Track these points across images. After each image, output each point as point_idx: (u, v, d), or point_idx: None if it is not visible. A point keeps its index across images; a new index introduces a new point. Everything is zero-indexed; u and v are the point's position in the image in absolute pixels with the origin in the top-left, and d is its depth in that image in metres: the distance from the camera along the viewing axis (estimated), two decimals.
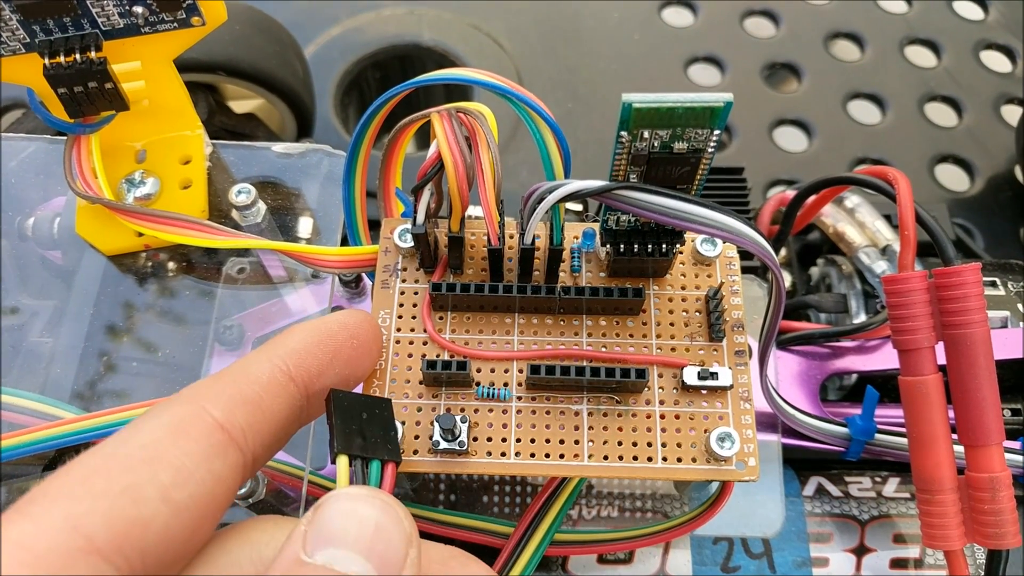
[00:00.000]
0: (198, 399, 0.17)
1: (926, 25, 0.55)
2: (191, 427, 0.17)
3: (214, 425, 0.17)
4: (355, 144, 0.25)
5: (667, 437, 0.23)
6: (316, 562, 0.15)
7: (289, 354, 0.19)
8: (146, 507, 0.15)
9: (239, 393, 0.18)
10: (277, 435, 0.19)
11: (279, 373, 0.19)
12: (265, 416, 0.18)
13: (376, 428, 0.19)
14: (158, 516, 0.15)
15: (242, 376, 0.18)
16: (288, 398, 0.19)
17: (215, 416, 0.17)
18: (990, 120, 0.51)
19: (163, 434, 0.16)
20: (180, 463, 0.16)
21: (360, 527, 0.16)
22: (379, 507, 0.16)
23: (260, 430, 0.18)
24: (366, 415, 0.19)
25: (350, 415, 0.19)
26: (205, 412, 0.17)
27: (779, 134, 0.51)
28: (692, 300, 0.25)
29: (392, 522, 0.16)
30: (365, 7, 0.54)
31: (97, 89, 0.25)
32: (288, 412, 0.19)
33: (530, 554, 0.26)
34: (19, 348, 0.30)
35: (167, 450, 0.16)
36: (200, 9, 0.25)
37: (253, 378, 0.18)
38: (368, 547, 0.16)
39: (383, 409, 0.20)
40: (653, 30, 0.55)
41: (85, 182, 0.27)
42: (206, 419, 0.17)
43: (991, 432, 0.24)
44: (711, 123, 0.19)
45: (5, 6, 0.23)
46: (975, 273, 0.24)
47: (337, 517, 0.16)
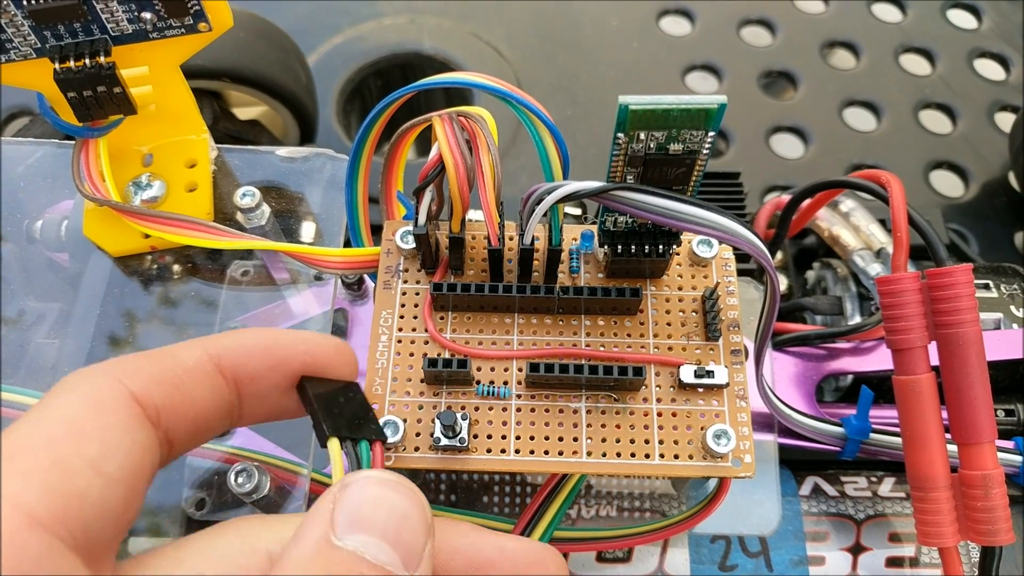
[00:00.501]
0: (115, 371, 0.17)
1: (921, 33, 0.56)
2: (108, 399, 0.16)
3: (131, 398, 0.17)
4: (358, 147, 0.25)
5: (664, 434, 0.24)
6: (347, 547, 0.15)
7: (224, 347, 0.19)
8: (79, 480, 0.15)
9: (159, 371, 0.17)
10: (199, 423, 0.18)
11: (206, 361, 0.18)
12: (184, 399, 0.18)
13: (355, 410, 0.20)
14: (92, 488, 0.15)
15: (166, 356, 0.18)
16: (214, 388, 0.18)
17: (131, 389, 0.17)
18: (984, 127, 0.51)
19: (80, 408, 0.16)
20: (103, 435, 0.16)
21: (389, 515, 0.16)
22: (407, 495, 0.16)
23: (177, 412, 0.17)
24: (343, 399, 0.20)
25: (329, 400, 0.19)
26: (121, 384, 0.17)
27: (776, 141, 0.51)
28: (689, 300, 0.26)
29: (417, 511, 0.16)
30: (367, 16, 0.55)
31: (106, 93, 0.26)
32: (213, 403, 0.18)
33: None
34: (25, 349, 0.30)
35: (87, 423, 0.16)
36: (207, 15, 0.26)
37: (177, 360, 0.18)
38: (396, 536, 0.16)
39: (354, 391, 0.21)
40: (651, 38, 0.55)
41: (93, 185, 0.28)
42: (122, 391, 0.16)
43: (983, 430, 0.25)
44: (706, 124, 0.20)
45: (17, 11, 0.24)
46: (966, 274, 0.25)
47: (368, 503, 0.16)
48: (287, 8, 0.54)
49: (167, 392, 0.17)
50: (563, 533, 0.27)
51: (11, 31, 0.25)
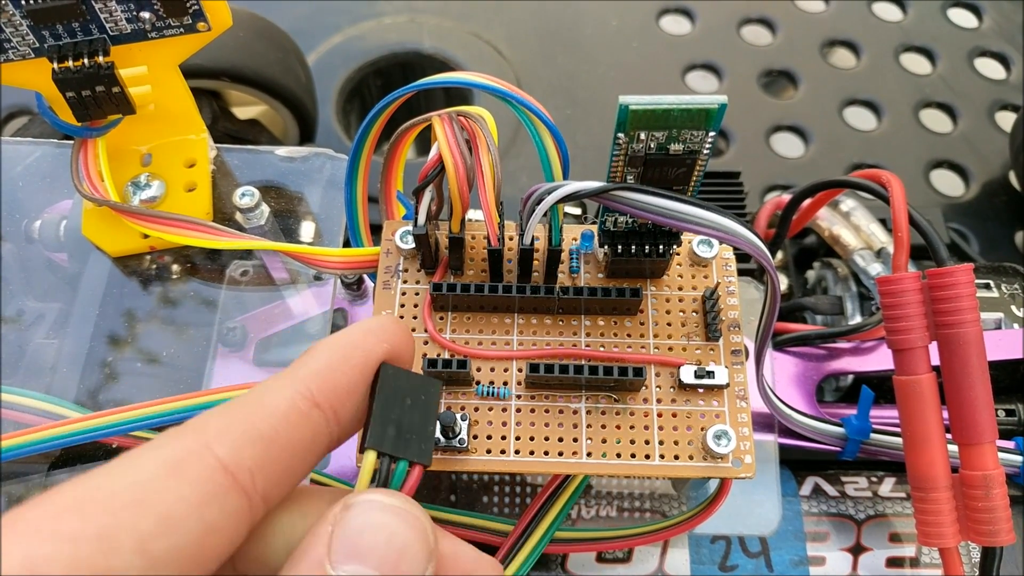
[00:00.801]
0: (203, 434, 0.15)
1: (921, 33, 0.55)
2: (190, 467, 0.15)
3: (216, 467, 0.15)
4: (357, 147, 0.25)
5: (664, 435, 0.23)
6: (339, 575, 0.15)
7: (312, 376, 0.17)
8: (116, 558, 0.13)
9: (251, 428, 0.16)
10: (296, 469, 0.17)
11: (301, 401, 0.16)
12: (281, 453, 0.16)
13: (415, 419, 0.18)
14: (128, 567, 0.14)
15: (257, 408, 0.16)
16: (312, 427, 0.17)
17: (219, 455, 0.15)
18: (985, 126, 0.51)
19: (157, 473, 0.15)
20: (168, 510, 0.14)
21: (388, 546, 0.15)
22: (410, 523, 0.16)
23: (274, 469, 0.16)
24: (410, 400, 0.18)
25: (393, 399, 0.18)
26: (208, 451, 0.15)
27: (776, 140, 0.51)
28: (689, 301, 0.25)
29: (419, 541, 0.16)
30: (367, 15, 0.55)
31: (104, 93, 0.26)
32: (312, 442, 0.17)
33: (528, 551, 0.26)
34: (24, 350, 0.30)
35: (157, 492, 0.14)
36: (206, 15, 0.26)
37: (269, 410, 0.16)
38: (393, 567, 0.15)
39: (430, 395, 0.18)
40: (651, 37, 0.55)
41: (92, 185, 0.28)
42: (208, 459, 0.15)
43: (984, 430, 0.25)
44: (706, 124, 0.20)
45: (15, 11, 0.24)
46: (967, 274, 0.25)
47: (368, 531, 0.15)
48: (287, 7, 0.54)
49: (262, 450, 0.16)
50: (563, 533, 0.27)
51: (9, 31, 0.25)
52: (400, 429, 0.17)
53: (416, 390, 0.18)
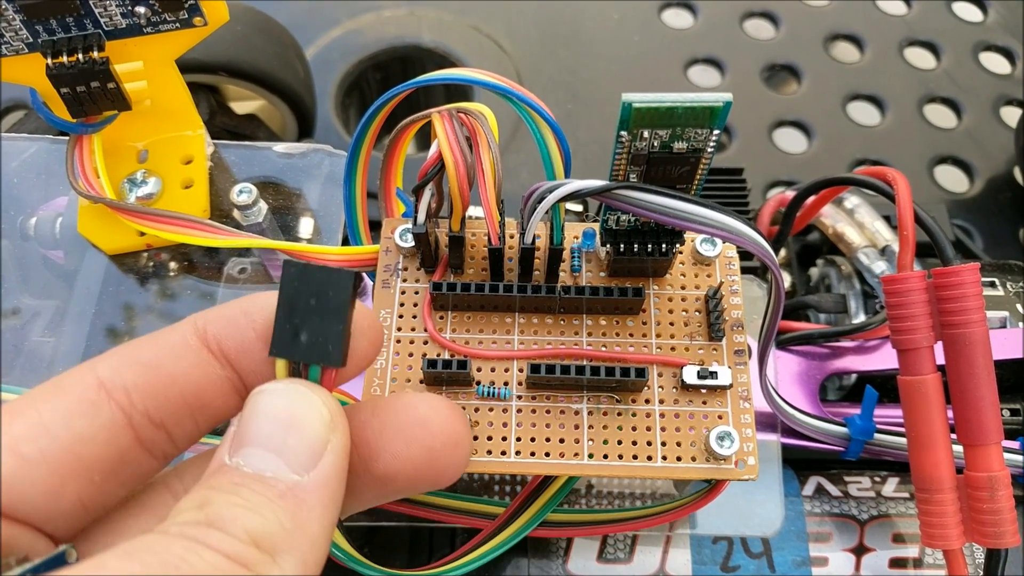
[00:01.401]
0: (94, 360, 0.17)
1: (925, 27, 0.55)
2: (69, 382, 0.16)
3: (92, 383, 0.16)
4: (356, 143, 0.25)
5: (667, 436, 0.23)
6: (231, 464, 0.15)
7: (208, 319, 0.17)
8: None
9: (133, 354, 0.17)
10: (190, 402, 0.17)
11: (189, 336, 0.17)
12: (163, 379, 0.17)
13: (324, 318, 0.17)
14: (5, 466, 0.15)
15: (148, 340, 0.17)
16: (200, 365, 0.17)
17: (98, 374, 0.16)
18: (989, 121, 0.51)
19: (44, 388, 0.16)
20: (40, 417, 0.16)
21: (272, 423, 0.16)
22: (293, 397, 0.16)
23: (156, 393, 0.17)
24: (315, 300, 0.17)
25: (297, 299, 0.17)
26: (90, 371, 0.16)
27: (779, 135, 0.51)
28: (692, 300, 0.25)
29: (307, 410, 0.16)
30: (365, 8, 0.55)
31: (99, 89, 0.25)
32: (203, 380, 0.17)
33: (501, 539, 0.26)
34: (21, 348, 0.30)
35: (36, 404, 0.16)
36: (202, 9, 0.25)
37: (159, 341, 0.17)
38: (280, 443, 0.15)
39: (339, 289, 0.17)
40: (653, 31, 0.55)
41: (87, 181, 0.27)
42: (87, 377, 0.16)
43: (990, 431, 0.24)
44: (710, 123, 0.19)
45: (8, 6, 0.24)
46: (974, 273, 0.24)
47: (252, 416, 0.16)
48: (285, 1, 0.54)
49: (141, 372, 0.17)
50: (565, 516, 0.27)
51: (2, 26, 0.24)
52: (310, 331, 0.17)
53: (323, 285, 0.17)
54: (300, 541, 0.15)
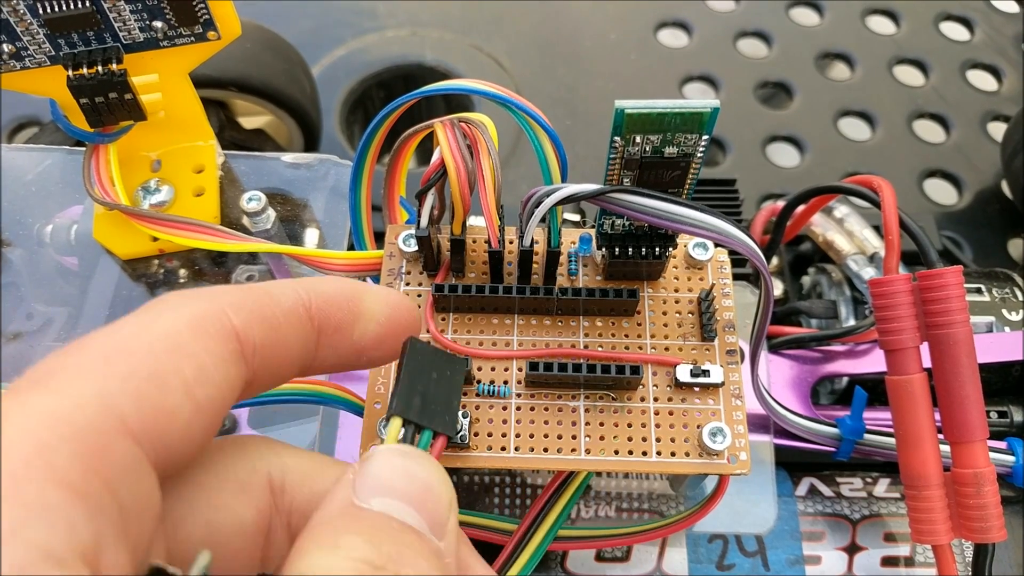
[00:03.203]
0: (219, 301, 0.16)
1: (914, 45, 0.57)
2: (212, 327, 0.15)
3: (232, 332, 0.15)
4: (361, 152, 0.26)
5: (661, 432, 0.24)
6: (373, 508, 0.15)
7: (316, 294, 0.18)
8: (171, 397, 0.14)
9: (260, 309, 0.16)
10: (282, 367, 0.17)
11: (300, 306, 0.17)
12: (278, 341, 0.17)
13: (441, 392, 0.18)
14: (182, 409, 0.14)
15: (264, 295, 0.17)
16: (302, 334, 0.17)
17: (234, 323, 0.16)
18: (977, 136, 0.52)
19: (184, 327, 0.15)
20: (202, 361, 0.15)
21: (410, 483, 0.15)
22: (429, 467, 0.16)
23: (269, 354, 0.16)
24: (436, 375, 0.18)
25: (420, 371, 0.18)
26: (226, 316, 0.16)
27: (772, 150, 0.52)
28: (685, 302, 0.26)
29: (440, 483, 0.16)
30: (369, 28, 0.56)
31: (117, 100, 0.27)
32: (298, 349, 0.17)
33: (532, 550, 0.26)
34: (34, 352, 0.31)
35: (188, 344, 0.15)
36: (216, 24, 0.27)
37: (275, 300, 0.17)
38: (420, 502, 0.15)
39: (455, 372, 0.19)
40: (649, 50, 0.56)
41: (103, 189, 0.28)
42: (226, 323, 0.15)
43: (975, 428, 0.25)
44: (700, 128, 0.20)
45: (33, 20, 0.25)
46: (957, 275, 0.25)
47: (387, 469, 0.16)
48: (292, 20, 0.55)
49: (265, 331, 0.16)
50: (562, 531, 0.27)
51: (26, 39, 0.25)
52: (426, 400, 0.18)
53: (443, 365, 0.19)
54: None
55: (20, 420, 0.12)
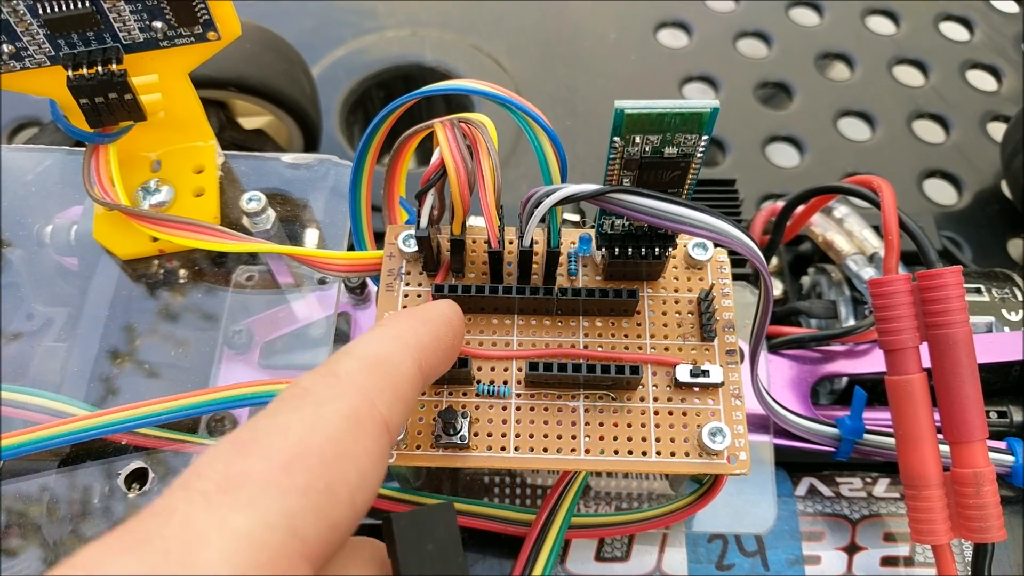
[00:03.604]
0: (367, 392, 0.16)
1: (914, 46, 0.57)
2: (367, 423, 0.15)
3: (383, 424, 0.15)
4: (361, 152, 0.26)
5: (661, 432, 0.24)
6: None
7: (422, 349, 0.18)
8: (339, 510, 0.14)
9: (397, 390, 0.16)
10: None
11: (418, 371, 0.17)
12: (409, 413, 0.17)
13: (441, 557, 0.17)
14: (345, 519, 0.14)
15: (395, 372, 0.17)
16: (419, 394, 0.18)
17: (382, 412, 0.16)
18: (977, 136, 0.52)
19: (346, 428, 0.15)
20: (363, 464, 0.15)
21: None
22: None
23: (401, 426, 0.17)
24: (431, 545, 0.17)
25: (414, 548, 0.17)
26: (375, 408, 0.15)
27: (772, 150, 0.52)
28: (685, 302, 0.26)
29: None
30: (369, 29, 0.56)
31: (117, 100, 0.27)
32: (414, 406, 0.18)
33: (548, 550, 0.26)
34: (34, 352, 0.31)
35: (351, 447, 0.15)
36: (216, 24, 0.27)
37: (403, 374, 0.17)
38: None
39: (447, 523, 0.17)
40: (649, 50, 0.56)
41: (103, 189, 0.28)
42: (376, 416, 0.15)
43: (974, 428, 0.25)
44: (699, 128, 0.20)
45: (33, 20, 0.25)
46: (956, 275, 0.25)
47: None
48: (292, 21, 0.55)
49: (403, 410, 0.16)
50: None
51: (27, 39, 0.25)
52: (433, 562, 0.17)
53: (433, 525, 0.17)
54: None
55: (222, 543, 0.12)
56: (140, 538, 0.12)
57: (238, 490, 0.13)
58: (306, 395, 0.15)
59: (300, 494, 0.13)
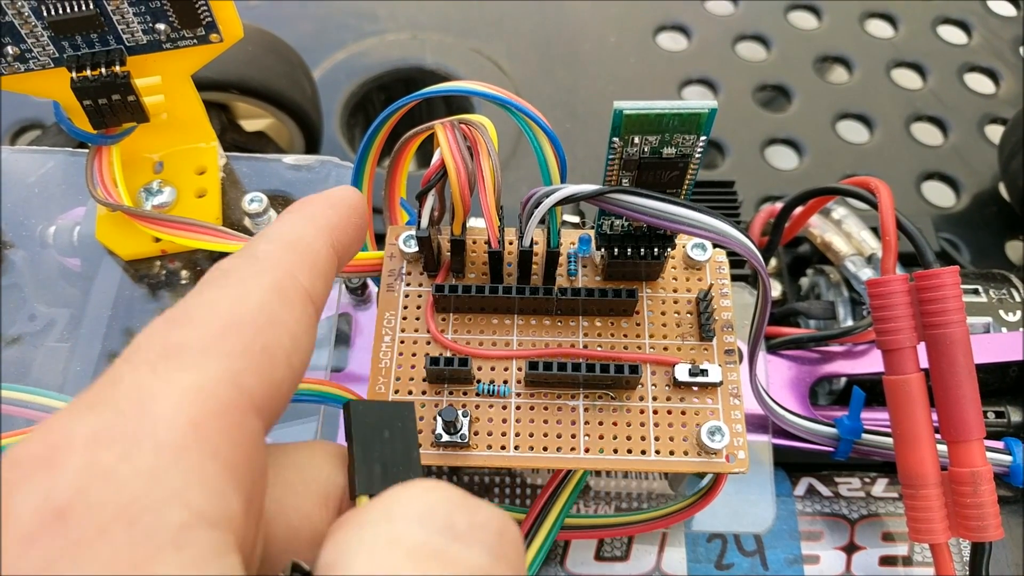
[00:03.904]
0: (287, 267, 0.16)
1: (912, 49, 0.57)
2: (291, 293, 0.16)
3: (306, 295, 0.16)
4: (362, 154, 0.26)
5: (660, 431, 0.24)
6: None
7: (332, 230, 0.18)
8: (279, 370, 0.15)
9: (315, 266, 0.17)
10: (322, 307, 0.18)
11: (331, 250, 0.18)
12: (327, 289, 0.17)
13: (398, 449, 0.17)
14: (286, 380, 0.15)
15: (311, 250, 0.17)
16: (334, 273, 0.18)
17: (304, 285, 0.16)
18: (974, 139, 0.52)
19: (272, 299, 0.15)
20: (293, 330, 0.15)
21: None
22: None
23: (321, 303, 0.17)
24: (388, 432, 0.17)
25: (371, 436, 0.17)
26: (297, 281, 0.16)
27: (771, 152, 0.52)
28: (683, 302, 0.26)
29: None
30: (370, 32, 0.56)
31: (120, 102, 0.27)
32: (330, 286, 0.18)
33: (535, 552, 0.26)
34: (37, 352, 0.31)
35: (279, 314, 0.15)
36: (219, 26, 0.27)
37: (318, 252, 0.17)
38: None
39: (405, 420, 0.18)
40: (648, 53, 0.57)
41: (106, 190, 0.29)
42: (299, 287, 0.16)
43: (972, 427, 0.25)
44: (697, 129, 0.21)
45: (37, 23, 0.25)
46: (953, 276, 0.25)
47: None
48: (294, 24, 0.56)
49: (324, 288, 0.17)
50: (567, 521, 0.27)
51: (31, 41, 0.26)
52: (385, 465, 0.17)
53: (390, 418, 0.18)
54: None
55: (171, 396, 0.13)
56: (92, 402, 0.13)
57: (179, 356, 0.14)
58: (229, 274, 0.16)
59: (239, 355, 0.14)
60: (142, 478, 0.12)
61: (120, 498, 0.11)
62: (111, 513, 0.11)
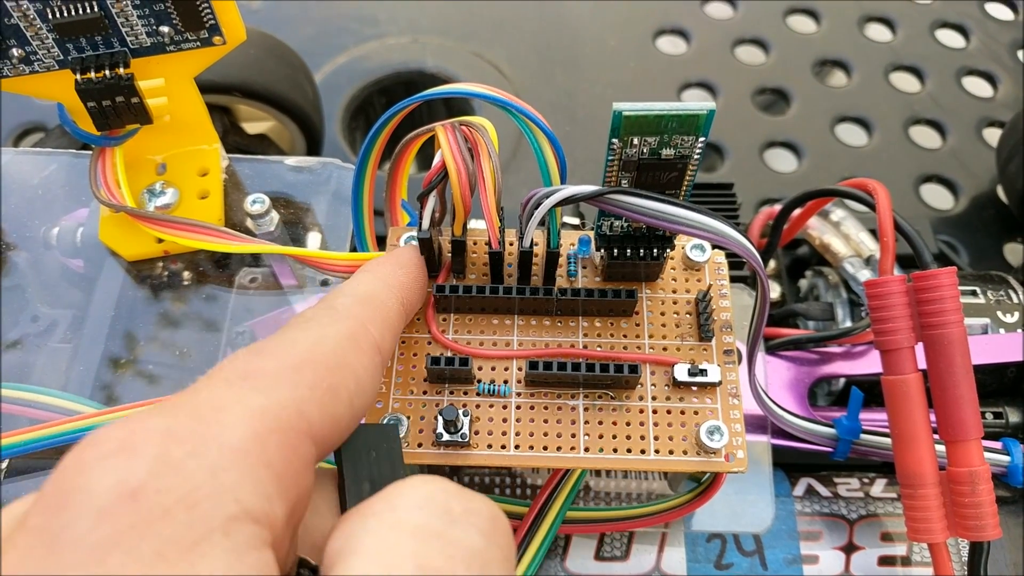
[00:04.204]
0: (361, 320, 0.18)
1: (910, 52, 0.57)
2: (363, 343, 0.18)
3: (376, 346, 0.18)
4: (364, 156, 0.26)
5: (659, 431, 0.24)
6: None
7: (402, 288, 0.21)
8: (340, 408, 0.16)
9: (385, 320, 0.19)
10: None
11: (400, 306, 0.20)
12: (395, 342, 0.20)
13: (385, 469, 0.18)
14: (344, 419, 0.17)
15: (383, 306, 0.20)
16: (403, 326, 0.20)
17: (374, 336, 0.18)
18: (973, 142, 0.53)
19: (345, 345, 0.17)
20: (360, 375, 0.17)
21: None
22: None
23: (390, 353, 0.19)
24: (374, 453, 0.18)
25: (358, 457, 0.18)
26: (369, 332, 0.18)
27: (770, 155, 0.53)
28: (683, 303, 0.26)
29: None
30: (371, 36, 0.57)
31: (124, 103, 0.27)
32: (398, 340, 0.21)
33: (534, 551, 0.26)
34: (40, 353, 0.31)
35: (350, 360, 0.17)
36: (222, 29, 0.27)
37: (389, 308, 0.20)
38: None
39: (391, 441, 0.19)
40: (648, 57, 0.57)
41: (109, 191, 0.29)
42: (370, 338, 0.18)
43: (970, 427, 0.25)
44: (696, 130, 0.21)
45: (42, 25, 0.25)
46: (951, 276, 0.26)
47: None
48: (295, 27, 0.56)
49: (392, 340, 0.19)
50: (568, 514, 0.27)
51: (36, 44, 0.26)
52: (374, 483, 0.18)
53: (377, 440, 0.19)
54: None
55: (240, 411, 0.15)
56: (172, 406, 0.15)
57: (255, 379, 0.16)
58: (310, 320, 0.18)
59: (308, 388, 0.16)
60: (204, 472, 0.13)
61: (185, 486, 0.13)
62: (175, 498, 0.13)
